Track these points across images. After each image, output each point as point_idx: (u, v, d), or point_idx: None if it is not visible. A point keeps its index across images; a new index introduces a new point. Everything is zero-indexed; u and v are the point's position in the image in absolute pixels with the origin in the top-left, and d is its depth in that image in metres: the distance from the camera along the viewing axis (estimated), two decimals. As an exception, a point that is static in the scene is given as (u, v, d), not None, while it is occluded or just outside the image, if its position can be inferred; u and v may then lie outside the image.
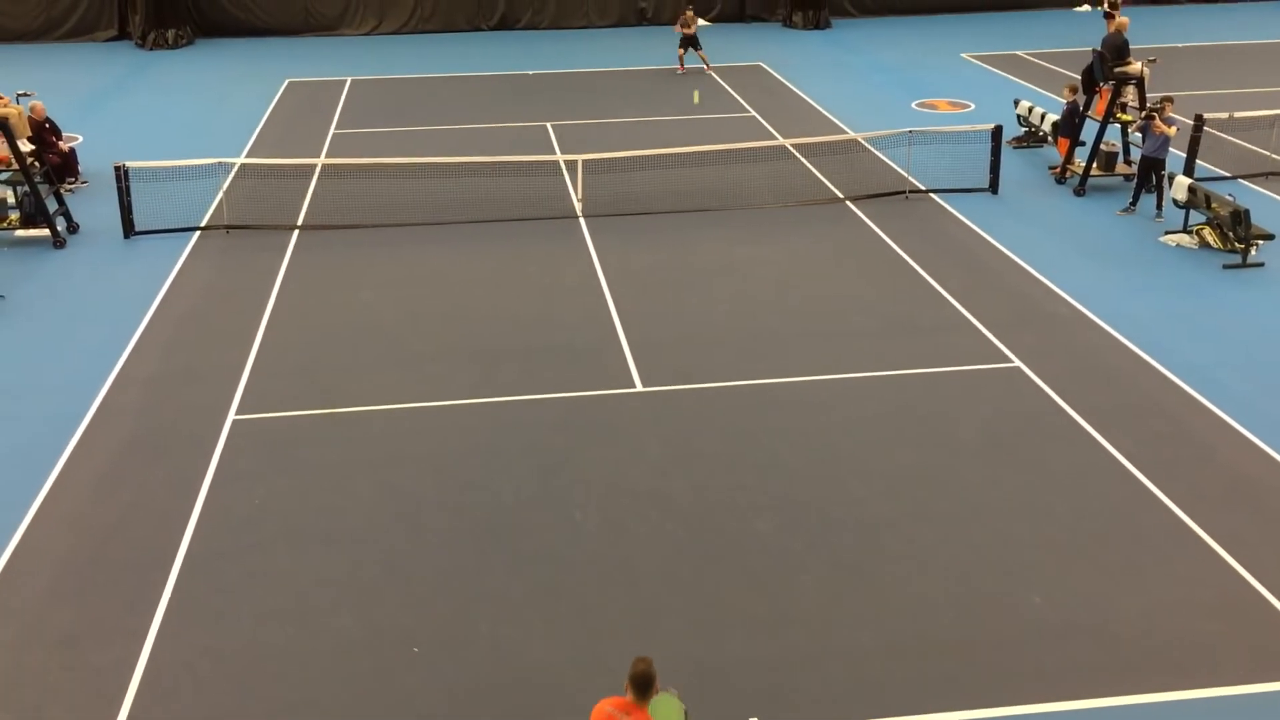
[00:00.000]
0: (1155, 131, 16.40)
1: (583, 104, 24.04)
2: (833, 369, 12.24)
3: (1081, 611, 8.41)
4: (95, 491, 10.12)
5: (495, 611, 8.50)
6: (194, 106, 24.32)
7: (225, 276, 15.02)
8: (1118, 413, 11.25)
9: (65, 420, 11.29)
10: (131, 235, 16.34)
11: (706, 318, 13.58)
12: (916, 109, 23.34)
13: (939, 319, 13.49)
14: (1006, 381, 11.96)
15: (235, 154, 19.97)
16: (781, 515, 9.67)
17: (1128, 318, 13.37)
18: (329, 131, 22.20)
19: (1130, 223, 16.70)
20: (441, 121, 22.82)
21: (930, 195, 17.82)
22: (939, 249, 15.66)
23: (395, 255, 15.63)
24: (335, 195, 17.95)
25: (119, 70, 27.98)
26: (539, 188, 18.08)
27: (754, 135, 21.13)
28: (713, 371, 12.20)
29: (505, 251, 15.70)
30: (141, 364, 12.56)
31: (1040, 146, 20.34)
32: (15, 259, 15.66)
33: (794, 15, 33.16)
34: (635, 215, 17.01)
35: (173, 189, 17.30)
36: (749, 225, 16.61)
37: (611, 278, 14.76)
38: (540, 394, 11.80)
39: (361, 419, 11.35)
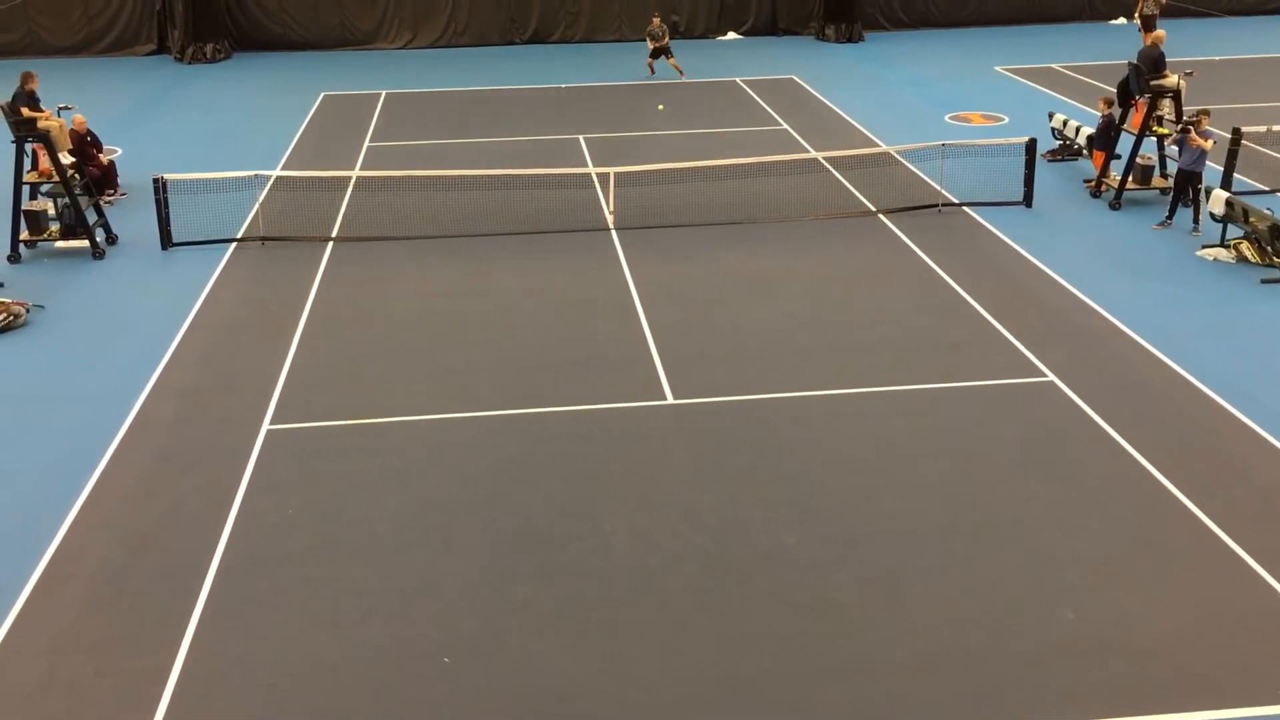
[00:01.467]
0: (1192, 144, 16.27)
1: (615, 117, 24.13)
2: (864, 382, 12.20)
3: (1114, 628, 8.32)
4: (131, 500, 10.24)
5: (525, 623, 8.52)
6: (231, 120, 24.61)
7: (260, 288, 15.17)
8: (1152, 427, 11.14)
9: (102, 429, 11.44)
10: (169, 247, 16.55)
11: (738, 330, 13.58)
12: (950, 122, 23.26)
13: (972, 333, 13.42)
14: (1040, 396, 11.87)
15: (271, 167, 20.18)
16: (811, 529, 9.63)
17: (1163, 332, 13.24)
18: (363, 144, 22.40)
19: (1166, 236, 16.55)
20: (475, 134, 22.97)
21: (963, 209, 17.74)
22: (972, 262, 15.58)
23: (428, 267, 15.73)
24: (369, 207, 18.09)
25: (158, 84, 28.35)
26: (571, 200, 18.15)
27: (786, 148, 21.13)
28: (744, 384, 12.19)
29: (537, 263, 15.77)
30: (178, 374, 12.70)
31: (1075, 160, 20.21)
32: (55, 270, 15.89)
33: (827, 28, 33.15)
34: (667, 228, 17.04)
35: (210, 201, 17.50)
36: (781, 238, 16.60)
37: (643, 290, 14.79)
38: (571, 405, 11.83)
39: (394, 430, 11.43)
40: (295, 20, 32.45)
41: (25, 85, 17.41)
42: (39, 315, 14.23)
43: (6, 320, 13.80)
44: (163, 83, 28.52)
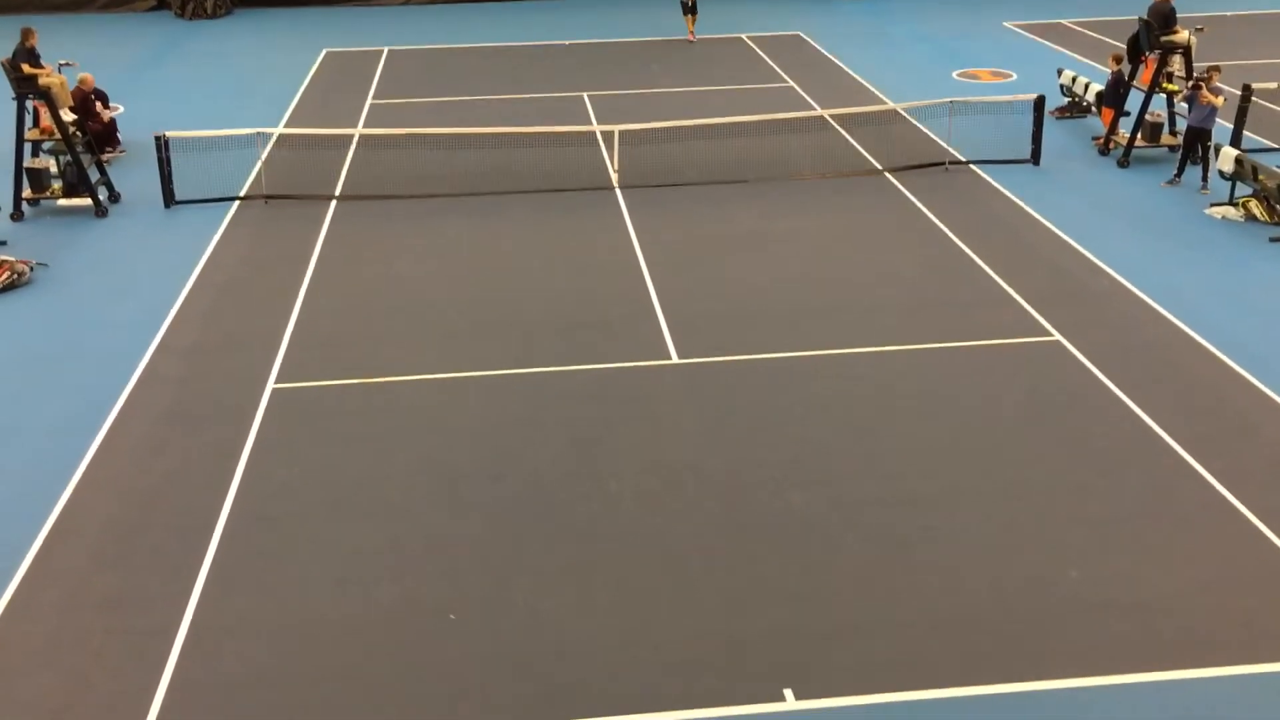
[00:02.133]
0: (1202, 101, 16.10)
1: (619, 74, 23.92)
2: (870, 342, 12.16)
3: (1119, 587, 8.34)
4: (137, 458, 10.25)
5: (531, 582, 8.55)
6: (233, 77, 24.43)
7: (264, 246, 15.12)
8: (1159, 387, 11.11)
9: (108, 388, 11.43)
10: (172, 205, 16.48)
11: (743, 290, 13.52)
12: (958, 79, 23.04)
13: (979, 292, 13.36)
14: (1047, 356, 11.84)
15: (274, 124, 20.05)
16: (817, 489, 9.64)
17: (1171, 291, 13.17)
18: (366, 102, 22.24)
19: (1175, 195, 16.43)
20: (478, 92, 22.78)
21: (971, 167, 17.61)
22: (979, 221, 15.48)
23: (432, 226, 15.66)
24: (372, 165, 17.99)
25: (158, 41, 28.13)
26: (575, 159, 18.03)
27: (792, 106, 20.95)
28: (749, 344, 12.16)
29: (541, 222, 15.69)
30: (182, 333, 12.68)
31: (1084, 117, 20.03)
32: (58, 228, 15.84)
33: (833, -16, 32.76)
34: (671, 187, 16.93)
35: (212, 159, 17.41)
36: (787, 197, 16.50)
37: (647, 249, 14.72)
38: (576, 365, 11.81)
39: (399, 389, 11.42)
40: (296, -25, 32.13)
41: (26, 41, 17.27)
42: (43, 274, 14.19)
43: (10, 279, 13.77)
44: (163, 39, 28.29)
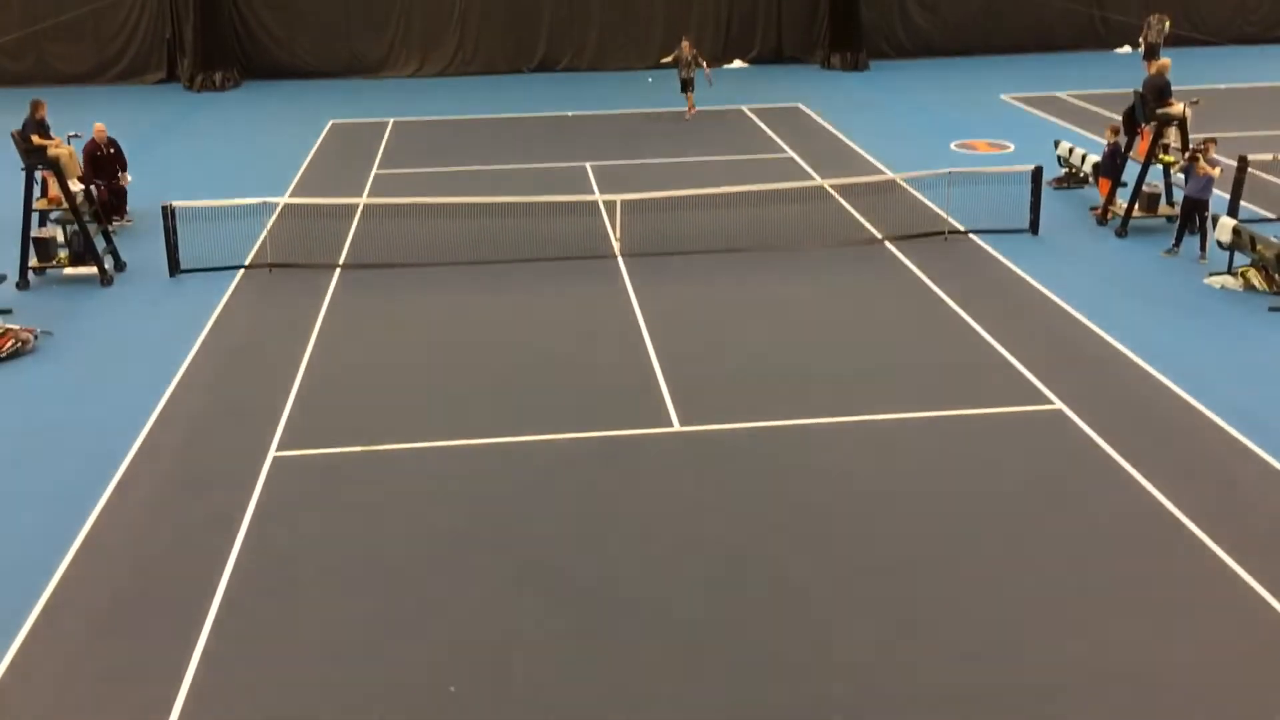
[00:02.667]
0: (1199, 172, 16.28)
1: (621, 145, 24.21)
2: (872, 410, 12.17)
3: (1124, 659, 8.25)
4: (137, 527, 10.21)
5: (532, 651, 8.47)
6: (240, 147, 24.74)
7: (267, 314, 15.20)
8: (1162, 456, 11.09)
9: (109, 456, 11.43)
10: (177, 274, 16.59)
11: (744, 358, 13.56)
12: (955, 150, 23.32)
13: (979, 360, 13.40)
14: (1048, 424, 11.83)
15: (279, 194, 20.26)
16: (819, 557, 9.58)
17: (1172, 360, 13.20)
18: (371, 172, 22.49)
19: (1174, 264, 16.54)
20: (482, 162, 23.05)
21: (970, 236, 17.75)
22: (979, 289, 15.57)
23: (435, 294, 15.75)
24: (376, 234, 18.14)
25: (168, 112, 28.52)
26: (577, 227, 18.19)
27: (792, 176, 21.18)
28: (751, 411, 12.16)
29: (544, 290, 15.78)
30: (185, 400, 12.71)
31: (1081, 187, 20.23)
32: (63, 296, 15.94)
33: (832, 57, 33.32)
34: (673, 255, 17.06)
35: (218, 228, 17.56)
36: (787, 265, 16.61)
37: (649, 317, 14.79)
38: (578, 433, 11.80)
39: (401, 457, 11.41)
40: (304, 49, 32.66)
41: (35, 114, 17.53)
42: (47, 342, 14.25)
43: (14, 347, 13.83)
44: (172, 110, 28.69)
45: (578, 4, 33.07)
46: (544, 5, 32.93)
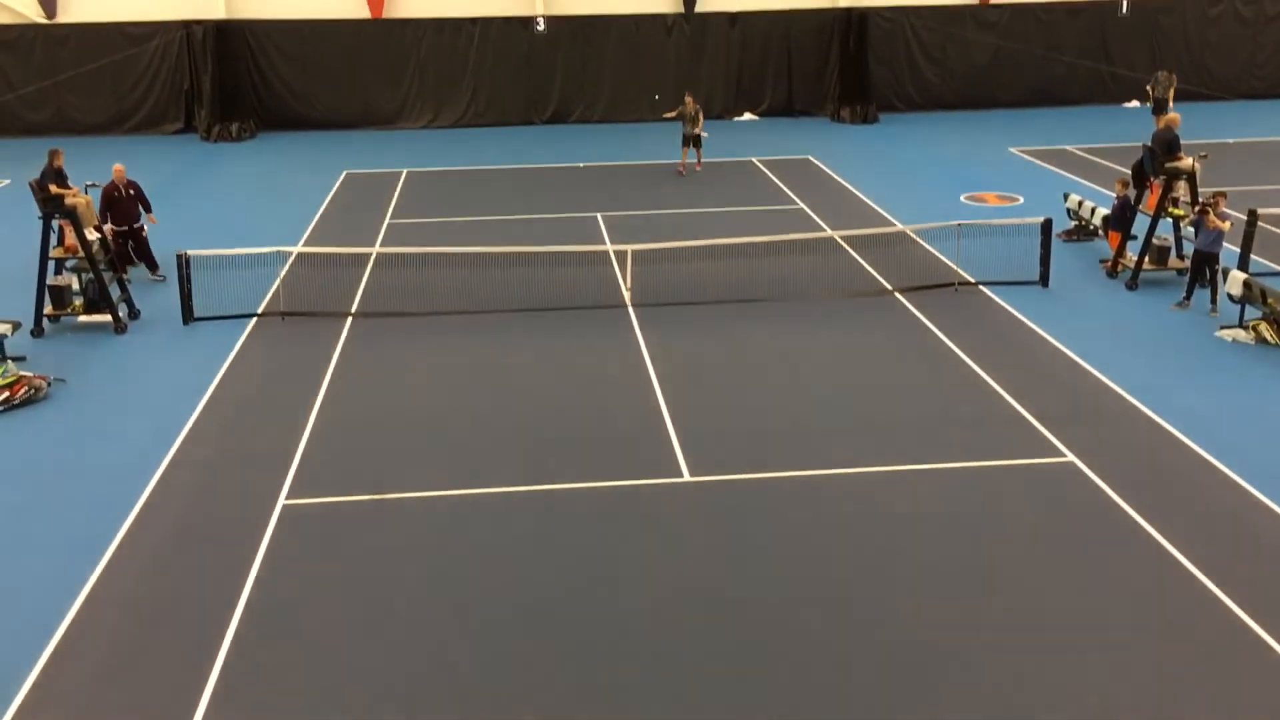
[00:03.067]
0: (1209, 226, 16.32)
1: (633, 195, 24.38)
2: (882, 461, 12.12)
3: (1138, 715, 8.14)
4: (146, 574, 10.20)
5: (540, 704, 8.39)
6: (255, 197, 24.97)
7: (279, 362, 15.26)
8: (1176, 510, 11.02)
9: (120, 502, 11.43)
10: (191, 322, 16.68)
11: (755, 408, 13.55)
12: (965, 202, 23.42)
13: (990, 412, 13.36)
14: (1061, 477, 11.77)
15: (293, 243, 20.41)
16: (831, 611, 9.51)
17: (1185, 413, 13.15)
18: (384, 221, 22.66)
19: (1185, 317, 16.53)
20: (494, 212, 23.22)
21: (980, 288, 17.78)
22: (989, 341, 15.57)
23: (446, 343, 15.80)
24: (388, 283, 18.23)
25: (184, 161, 28.84)
26: (588, 277, 18.27)
27: (802, 227, 21.28)
28: (761, 462, 12.13)
29: (555, 340, 15.82)
30: (196, 448, 12.73)
31: (1091, 240, 20.28)
32: (77, 344, 16.03)
33: (842, 110, 33.60)
34: (684, 305, 17.11)
35: (232, 277, 17.68)
36: (797, 316, 16.64)
37: (659, 367, 14.81)
38: (587, 483, 11.78)
39: (410, 506, 11.39)
40: (320, 101, 33.07)
41: (53, 163, 17.74)
42: (60, 389, 14.32)
43: (28, 394, 13.89)
44: (189, 160, 29.01)
45: (590, 58, 33.47)
46: (557, 58, 33.34)
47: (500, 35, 32.97)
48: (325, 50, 32.63)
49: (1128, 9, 34.49)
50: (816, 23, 33.78)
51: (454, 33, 32.84)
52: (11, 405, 13.73)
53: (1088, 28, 34.56)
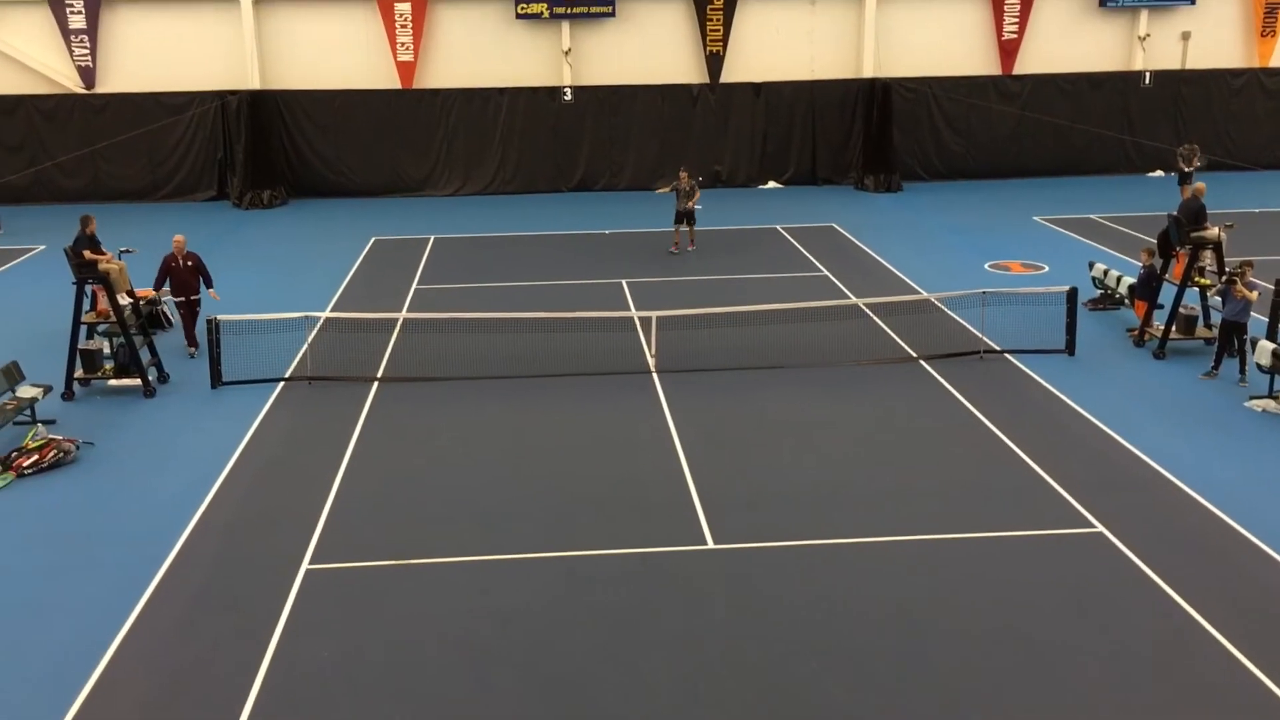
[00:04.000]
0: (1236, 296, 16.26)
1: (657, 262, 24.53)
2: (909, 530, 12.02)
3: (1177, 795, 7.97)
4: (169, 638, 10.19)
5: (561, 775, 8.29)
6: (285, 262, 25.27)
7: (306, 427, 15.34)
8: (1205, 581, 10.86)
9: (145, 565, 11.46)
10: (219, 386, 16.83)
11: (779, 475, 13.49)
12: (989, 270, 23.43)
13: (1017, 481, 13.25)
14: (1090, 547, 11.63)
15: (321, 308, 20.61)
16: (857, 680, 9.38)
17: (1215, 484, 13.01)
18: (412, 286, 22.88)
19: (1213, 387, 16.40)
20: (520, 278, 23.40)
21: (1005, 356, 17.73)
22: (1016, 410, 15.48)
23: (471, 408, 15.86)
24: (415, 348, 18.36)
25: (216, 227, 29.26)
26: (613, 343, 18.33)
27: (826, 294, 21.33)
28: (785, 530, 12.06)
29: (579, 406, 15.85)
30: (221, 511, 12.77)
31: (1117, 309, 20.23)
32: (107, 407, 16.18)
33: (865, 178, 33.82)
34: (708, 371, 17.12)
35: (260, 341, 17.85)
36: (822, 383, 16.62)
37: (684, 433, 14.79)
38: (611, 549, 11.72)
39: (433, 571, 11.36)
40: (350, 169, 33.57)
41: (85, 229, 18.02)
42: (88, 452, 14.43)
43: (56, 456, 14.01)
44: (221, 227, 29.43)
45: (617, 128, 33.90)
46: (584, 128, 33.79)
47: (528, 105, 33.48)
48: (356, 119, 33.21)
49: (1151, 80, 34.72)
50: (840, 93, 34.16)
51: (483, 103, 33.38)
52: (41, 468, 13.85)
53: (1111, 98, 34.77)
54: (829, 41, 34.29)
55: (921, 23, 34.27)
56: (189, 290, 18.36)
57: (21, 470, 13.75)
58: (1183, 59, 35.00)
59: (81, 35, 32.07)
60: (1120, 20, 34.89)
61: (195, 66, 32.65)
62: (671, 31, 33.74)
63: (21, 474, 13.73)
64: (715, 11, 33.31)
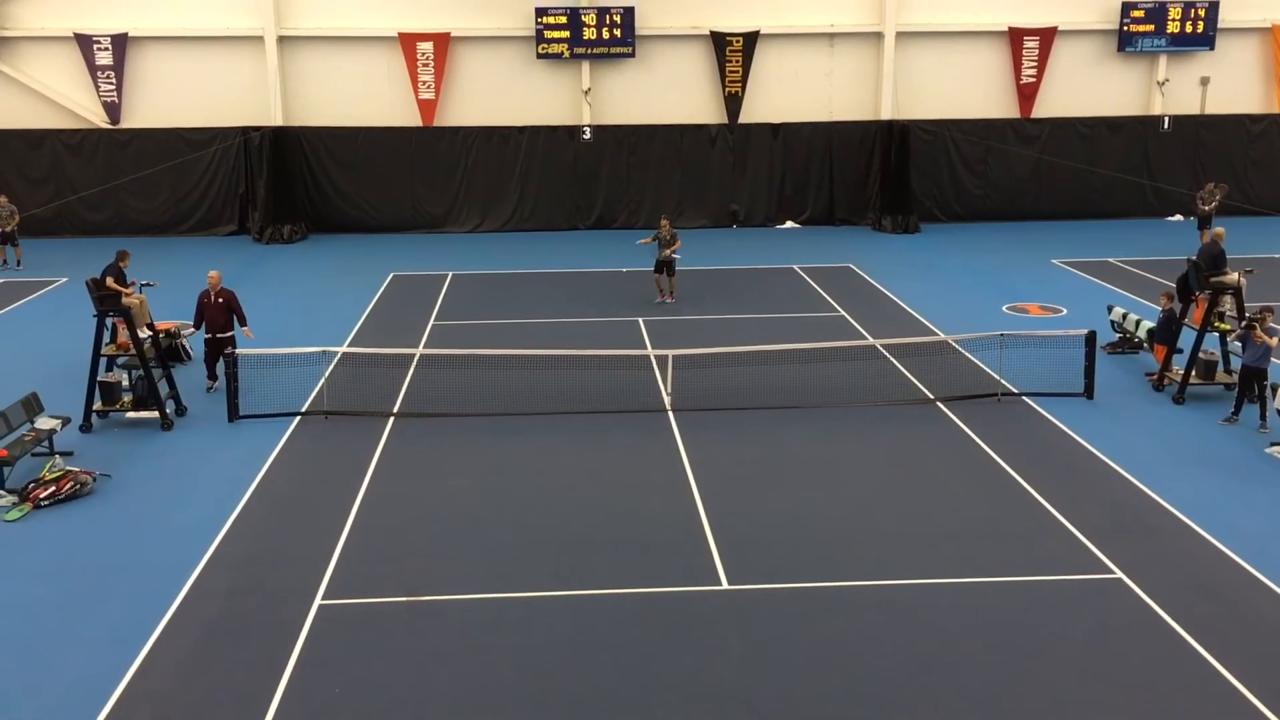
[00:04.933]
0: (1256, 341, 16.17)
1: (674, 300, 24.54)
2: (925, 573, 11.93)
3: None
4: (181, 672, 10.16)
5: (571, 818, 8.21)
6: (303, 297, 25.43)
7: (321, 461, 15.36)
8: (1228, 631, 10.72)
9: (159, 598, 11.45)
10: (235, 419, 16.88)
11: (794, 516, 13.43)
12: (1007, 312, 23.38)
13: (1035, 525, 13.15)
14: (1107, 593, 11.51)
15: (339, 343, 20.70)
16: (871, 727, 9.28)
17: (1235, 531, 12.87)
18: (429, 322, 22.96)
19: (1233, 433, 16.28)
20: (537, 315, 23.47)
21: (1023, 399, 17.65)
22: (1033, 453, 15.39)
23: (486, 444, 15.85)
24: (431, 384, 18.39)
25: (236, 262, 29.47)
26: (629, 381, 18.34)
27: (843, 334, 21.31)
28: (800, 571, 11.98)
29: (594, 443, 15.83)
30: (235, 545, 12.77)
31: (1136, 353, 20.13)
32: (124, 440, 16.24)
33: (883, 219, 33.88)
34: (724, 410, 17.10)
35: (278, 375, 17.92)
36: (838, 423, 16.57)
37: (699, 473, 14.75)
38: (625, 589, 11.66)
39: (446, 608, 11.32)
40: (370, 205, 33.83)
41: (120, 262, 18.16)
42: (105, 484, 14.48)
43: (73, 488, 14.05)
44: (242, 261, 29.65)
45: (635, 167, 34.11)
46: (602, 166, 34.00)
47: (547, 143, 33.74)
48: (377, 156, 33.52)
49: (1170, 125, 34.75)
50: (858, 134, 34.31)
51: (502, 141, 33.65)
52: (58, 499, 13.89)
53: (1129, 142, 34.82)
54: (848, 83, 34.51)
55: (940, 65, 34.47)
56: (216, 327, 18.19)
57: (39, 501, 13.80)
58: (1202, 104, 35.05)
59: (108, 71, 32.53)
60: (1139, 65, 35.00)
61: (219, 103, 33.07)
62: (690, 72, 34.01)
63: (39, 505, 13.78)
64: (734, 53, 33.58)
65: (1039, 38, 34.14)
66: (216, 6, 32.49)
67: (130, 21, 32.41)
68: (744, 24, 33.54)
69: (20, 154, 32.68)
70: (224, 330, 18.23)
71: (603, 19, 32.81)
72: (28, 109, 32.86)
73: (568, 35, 32.90)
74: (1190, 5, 34.04)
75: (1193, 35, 34.28)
